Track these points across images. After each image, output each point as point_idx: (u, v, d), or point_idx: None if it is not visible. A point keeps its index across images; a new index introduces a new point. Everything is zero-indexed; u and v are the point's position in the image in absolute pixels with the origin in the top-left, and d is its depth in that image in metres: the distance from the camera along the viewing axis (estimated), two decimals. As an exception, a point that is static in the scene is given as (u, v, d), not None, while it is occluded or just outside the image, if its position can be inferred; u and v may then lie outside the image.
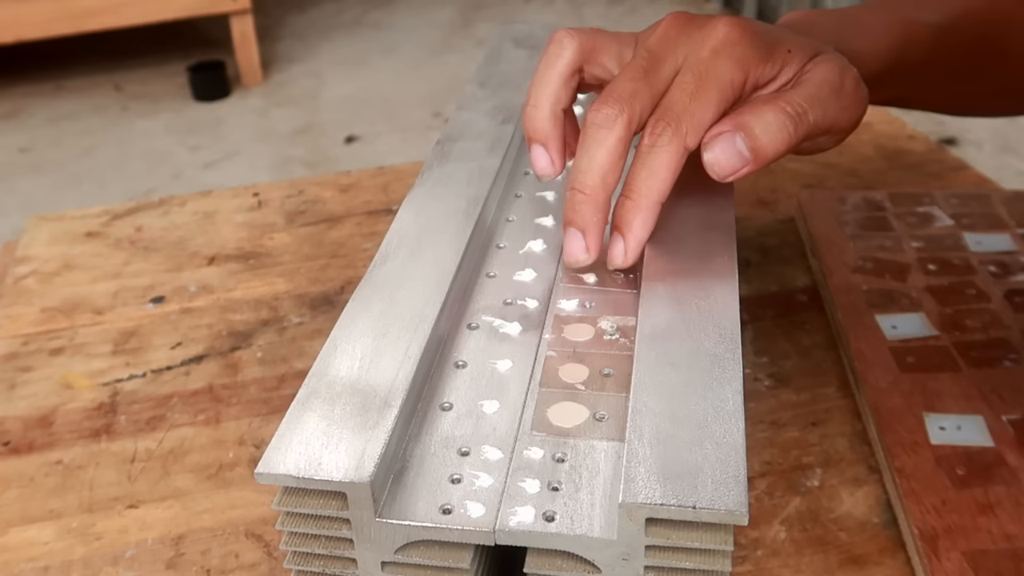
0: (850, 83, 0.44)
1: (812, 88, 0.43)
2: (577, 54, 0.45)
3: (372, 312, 0.39)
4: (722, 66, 0.41)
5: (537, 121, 0.45)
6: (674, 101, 0.41)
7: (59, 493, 0.47)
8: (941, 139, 2.18)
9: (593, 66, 0.45)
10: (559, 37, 0.45)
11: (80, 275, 0.64)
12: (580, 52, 0.45)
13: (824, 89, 0.43)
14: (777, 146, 0.41)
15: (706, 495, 0.31)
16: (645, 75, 0.42)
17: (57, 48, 2.74)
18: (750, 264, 0.61)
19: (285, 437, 0.33)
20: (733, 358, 0.37)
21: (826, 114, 0.43)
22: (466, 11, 3.25)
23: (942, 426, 0.46)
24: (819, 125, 0.43)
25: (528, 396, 0.38)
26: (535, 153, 0.45)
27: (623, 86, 0.41)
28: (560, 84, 0.45)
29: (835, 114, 0.43)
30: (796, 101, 0.42)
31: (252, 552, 0.43)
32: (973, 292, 0.54)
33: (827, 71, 0.43)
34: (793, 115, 0.41)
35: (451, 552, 0.33)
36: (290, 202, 0.72)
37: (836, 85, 0.43)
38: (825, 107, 0.43)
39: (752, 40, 0.42)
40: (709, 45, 0.42)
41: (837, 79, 0.43)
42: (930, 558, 0.39)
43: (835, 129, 0.44)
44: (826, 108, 0.43)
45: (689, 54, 0.42)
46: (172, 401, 0.53)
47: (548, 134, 0.45)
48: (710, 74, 0.41)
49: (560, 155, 0.45)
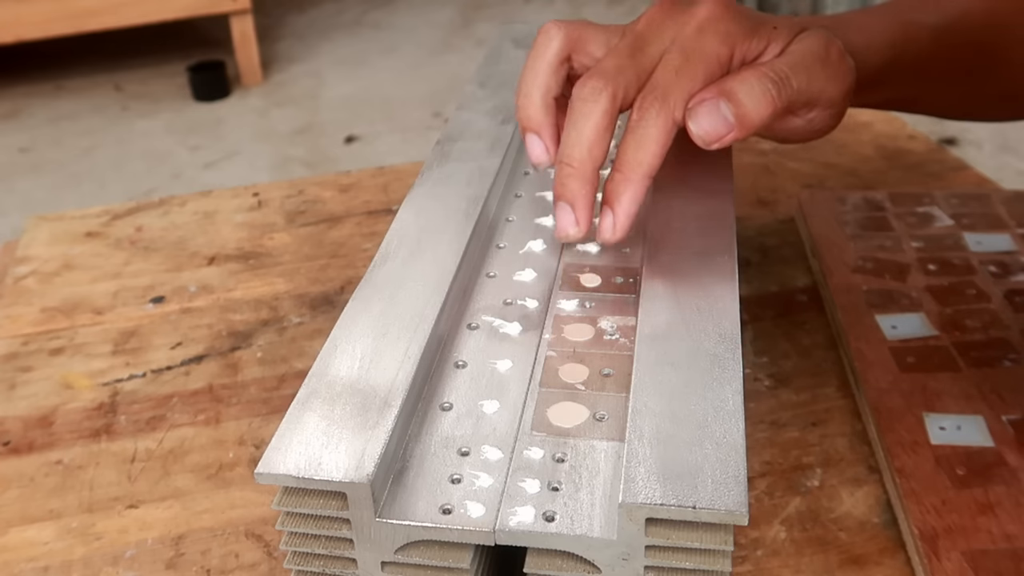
0: (835, 53, 0.44)
1: (796, 57, 0.43)
2: (565, 43, 0.45)
3: (372, 312, 0.39)
4: (708, 42, 0.42)
5: (529, 110, 0.45)
6: (661, 77, 0.42)
7: (59, 493, 0.47)
8: (941, 139, 2.18)
9: (581, 55, 0.46)
10: (547, 28, 0.46)
11: (80, 275, 0.64)
12: (568, 41, 0.45)
13: (808, 58, 0.43)
14: (761, 111, 0.41)
15: (706, 495, 0.31)
16: (631, 53, 0.42)
17: (57, 48, 2.74)
18: (750, 264, 0.61)
19: (285, 437, 0.33)
20: (733, 358, 0.37)
21: (811, 81, 0.43)
22: (466, 11, 3.25)
23: (942, 426, 0.46)
24: (803, 92, 0.43)
25: (528, 396, 0.38)
26: (529, 141, 0.45)
27: (609, 63, 0.42)
28: (549, 73, 0.45)
29: (821, 82, 0.44)
30: (779, 67, 0.42)
31: (252, 552, 0.43)
32: (973, 292, 0.54)
33: (811, 42, 0.44)
34: (776, 80, 0.42)
35: (451, 552, 0.33)
36: (290, 202, 0.72)
37: (820, 54, 0.44)
38: (810, 74, 0.43)
39: (736, 17, 0.43)
40: (694, 24, 0.43)
41: (821, 49, 0.44)
42: (930, 558, 0.39)
43: (823, 99, 0.44)
44: (811, 75, 0.43)
45: (676, 35, 0.43)
46: (172, 401, 0.53)
47: (540, 122, 0.45)
48: (696, 50, 0.42)
49: (554, 142, 0.45)
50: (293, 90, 2.75)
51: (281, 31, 3.15)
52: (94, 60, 2.89)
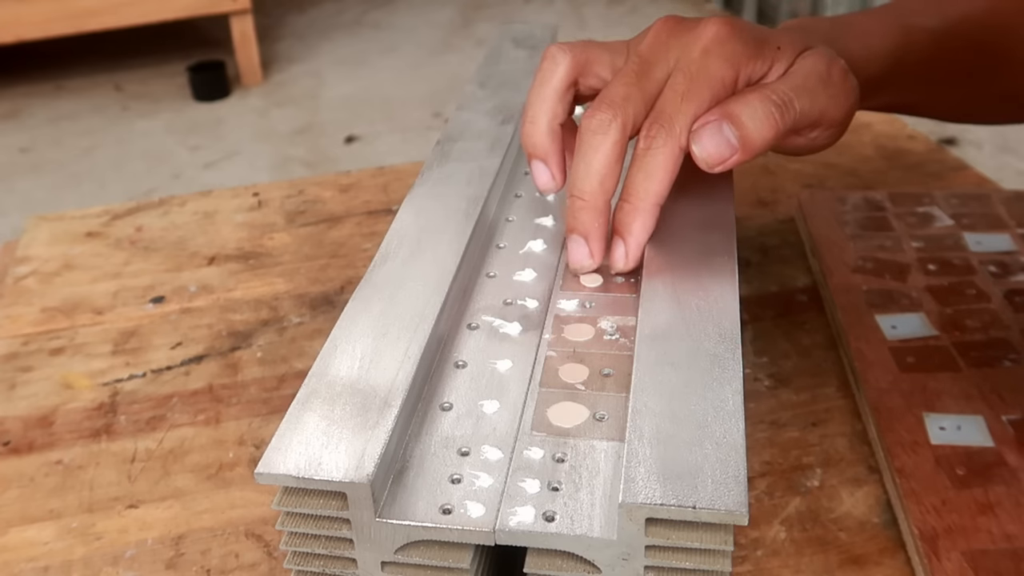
0: (837, 73, 0.44)
1: (798, 79, 0.43)
2: (571, 68, 0.45)
3: (372, 312, 0.39)
4: (713, 65, 0.42)
5: (535, 137, 0.45)
6: (667, 103, 0.41)
7: (59, 493, 0.47)
8: (941, 139, 2.18)
9: (588, 77, 0.46)
10: (552, 53, 0.46)
11: (80, 275, 0.64)
12: (574, 65, 0.45)
13: (811, 79, 0.43)
14: (764, 134, 0.41)
15: (706, 495, 0.31)
16: (637, 79, 0.42)
17: (57, 48, 2.74)
18: (750, 264, 0.61)
19: (285, 437, 0.33)
20: (733, 358, 0.37)
21: (814, 103, 0.43)
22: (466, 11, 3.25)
23: (942, 426, 0.46)
24: (807, 114, 0.43)
25: (528, 396, 0.38)
26: (536, 169, 0.46)
27: (616, 91, 0.42)
28: (556, 99, 0.45)
29: (823, 103, 0.43)
30: (782, 90, 0.42)
31: (252, 552, 0.43)
32: (973, 292, 0.54)
33: (814, 62, 0.44)
34: (779, 103, 0.41)
35: (451, 552, 0.33)
36: (290, 202, 0.72)
37: (823, 75, 0.43)
38: (812, 96, 0.43)
39: (741, 37, 0.43)
40: (699, 45, 0.42)
41: (824, 69, 0.44)
42: (930, 558, 0.39)
43: (825, 120, 0.44)
44: (813, 97, 0.43)
45: (680, 56, 0.42)
46: (172, 401, 0.53)
47: (547, 150, 0.45)
48: (701, 73, 0.41)
49: (560, 170, 0.45)
50: (293, 90, 2.75)
51: (281, 31, 3.15)
52: (94, 60, 2.89)
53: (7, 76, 2.78)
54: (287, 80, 2.81)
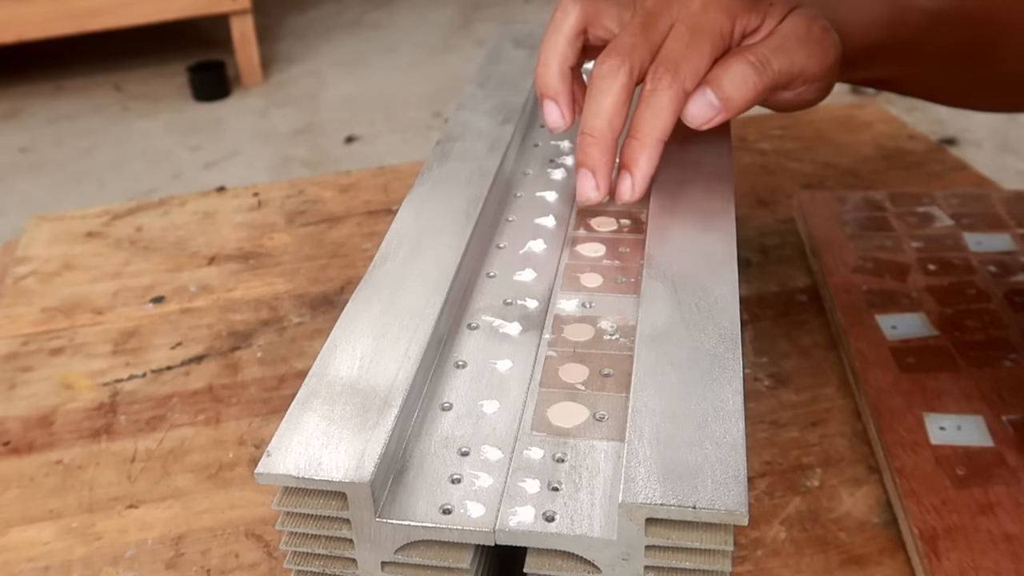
0: (817, 31, 0.47)
1: (778, 39, 0.46)
2: (581, 17, 0.49)
3: (372, 312, 0.39)
4: (712, 16, 0.45)
5: (547, 78, 0.49)
6: (671, 50, 0.45)
7: (59, 493, 0.47)
8: (941, 139, 2.18)
9: (596, 28, 0.49)
10: (563, 3, 0.49)
11: (80, 275, 0.64)
12: (583, 15, 0.49)
13: (789, 40, 0.46)
14: (745, 94, 0.45)
15: (706, 495, 0.31)
16: (643, 31, 0.46)
17: (57, 48, 2.74)
18: (750, 264, 0.61)
19: (285, 437, 0.33)
20: (733, 358, 0.37)
21: (793, 62, 0.46)
22: (466, 11, 3.25)
23: (942, 426, 0.46)
24: (786, 72, 0.46)
25: (528, 396, 0.38)
26: (547, 107, 0.49)
27: (624, 41, 0.45)
28: (566, 44, 0.49)
29: (803, 61, 0.47)
30: (760, 52, 0.46)
31: (252, 552, 0.43)
32: (973, 292, 0.54)
33: (795, 23, 0.47)
34: (757, 64, 0.45)
35: (451, 552, 0.33)
36: (290, 202, 0.72)
37: (802, 34, 0.47)
38: (791, 55, 0.46)
39: None
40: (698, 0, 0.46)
41: (804, 29, 0.47)
42: (930, 558, 0.39)
43: (806, 75, 0.47)
44: (792, 56, 0.46)
45: (681, 9, 0.46)
46: (172, 401, 0.53)
47: (557, 89, 0.48)
48: (702, 25, 0.45)
49: (569, 108, 0.49)
50: (293, 90, 2.74)
51: (281, 31, 3.15)
52: (94, 60, 2.89)
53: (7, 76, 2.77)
54: (287, 80, 2.81)
